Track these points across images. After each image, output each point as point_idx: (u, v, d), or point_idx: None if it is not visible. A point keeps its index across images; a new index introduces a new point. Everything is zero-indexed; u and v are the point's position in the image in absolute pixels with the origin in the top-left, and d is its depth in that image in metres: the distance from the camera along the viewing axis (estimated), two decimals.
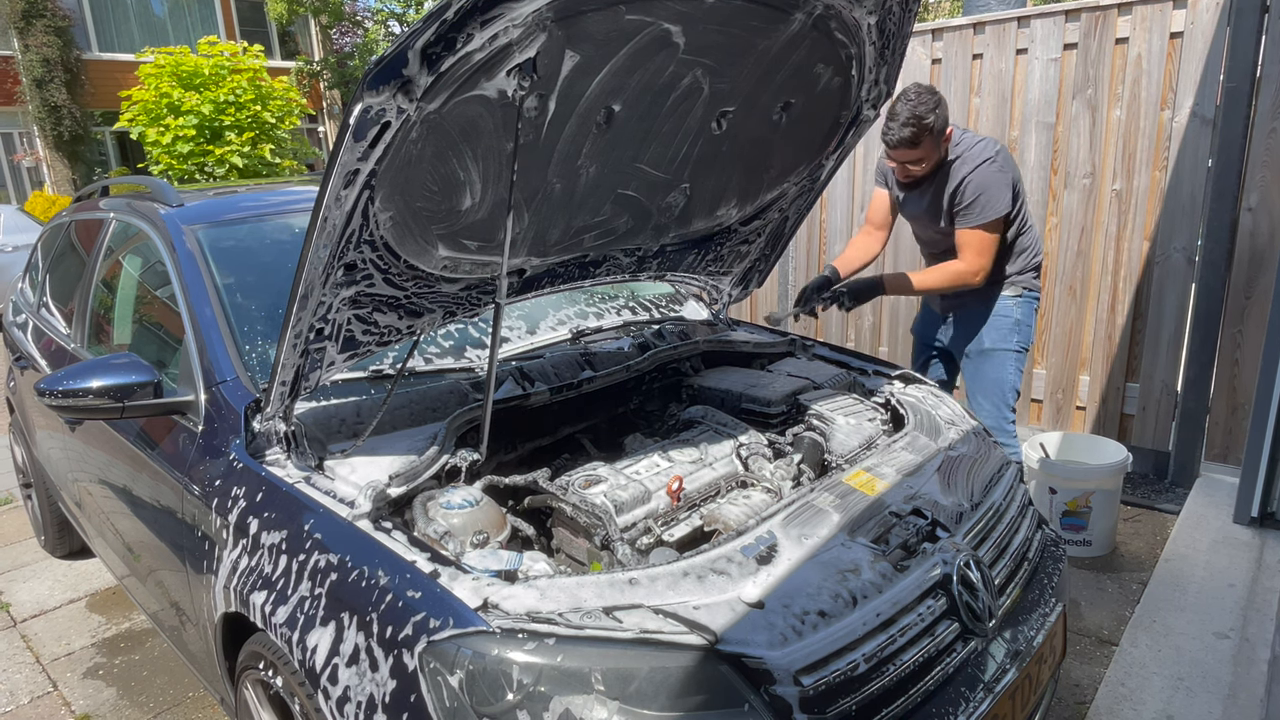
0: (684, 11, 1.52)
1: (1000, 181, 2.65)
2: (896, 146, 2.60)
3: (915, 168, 2.68)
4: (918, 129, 2.53)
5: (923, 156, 2.63)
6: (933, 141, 2.60)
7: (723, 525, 1.74)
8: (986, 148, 2.68)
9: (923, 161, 2.65)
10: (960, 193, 2.68)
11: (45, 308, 3.35)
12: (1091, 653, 2.58)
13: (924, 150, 2.61)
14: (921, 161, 2.65)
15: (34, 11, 15.74)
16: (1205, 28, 3.37)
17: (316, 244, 1.46)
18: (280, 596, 1.54)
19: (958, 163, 2.70)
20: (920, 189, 2.80)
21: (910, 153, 2.61)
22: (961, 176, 2.67)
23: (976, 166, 2.65)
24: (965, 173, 2.67)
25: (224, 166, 11.13)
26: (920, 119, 2.52)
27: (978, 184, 2.65)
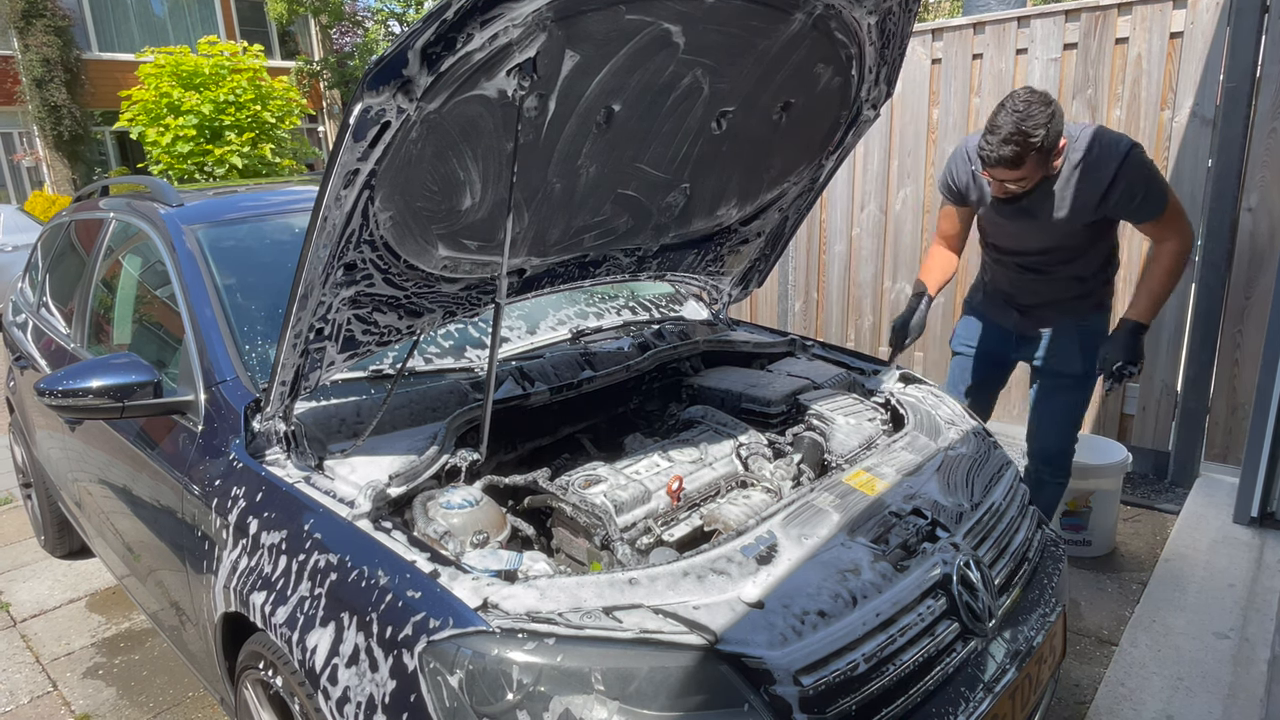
0: (684, 11, 1.52)
1: (1149, 160, 2.33)
2: (995, 165, 2.22)
3: (1015, 186, 2.29)
4: (1021, 148, 2.15)
5: (1025, 176, 2.24)
6: (1039, 161, 2.21)
7: (723, 525, 1.74)
8: (1110, 138, 2.32)
9: (1024, 180, 2.26)
10: (1125, 193, 2.30)
11: (45, 307, 3.35)
12: (1091, 653, 2.58)
13: (1027, 170, 2.22)
14: (1023, 180, 2.26)
15: (34, 11, 15.74)
16: (1205, 28, 3.37)
17: (316, 244, 1.46)
18: (280, 597, 1.54)
19: (1089, 162, 2.31)
20: (1030, 200, 2.36)
21: (1010, 173, 2.23)
22: (1110, 176, 2.30)
23: (1123, 160, 2.28)
24: (1111, 170, 2.29)
25: (224, 166, 11.13)
26: (1026, 136, 2.13)
27: (1140, 175, 2.29)
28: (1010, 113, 2.15)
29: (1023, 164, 2.18)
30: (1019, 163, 2.18)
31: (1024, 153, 2.16)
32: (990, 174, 2.29)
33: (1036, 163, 2.20)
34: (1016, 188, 2.28)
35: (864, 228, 4.56)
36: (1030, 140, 2.14)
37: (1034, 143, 2.14)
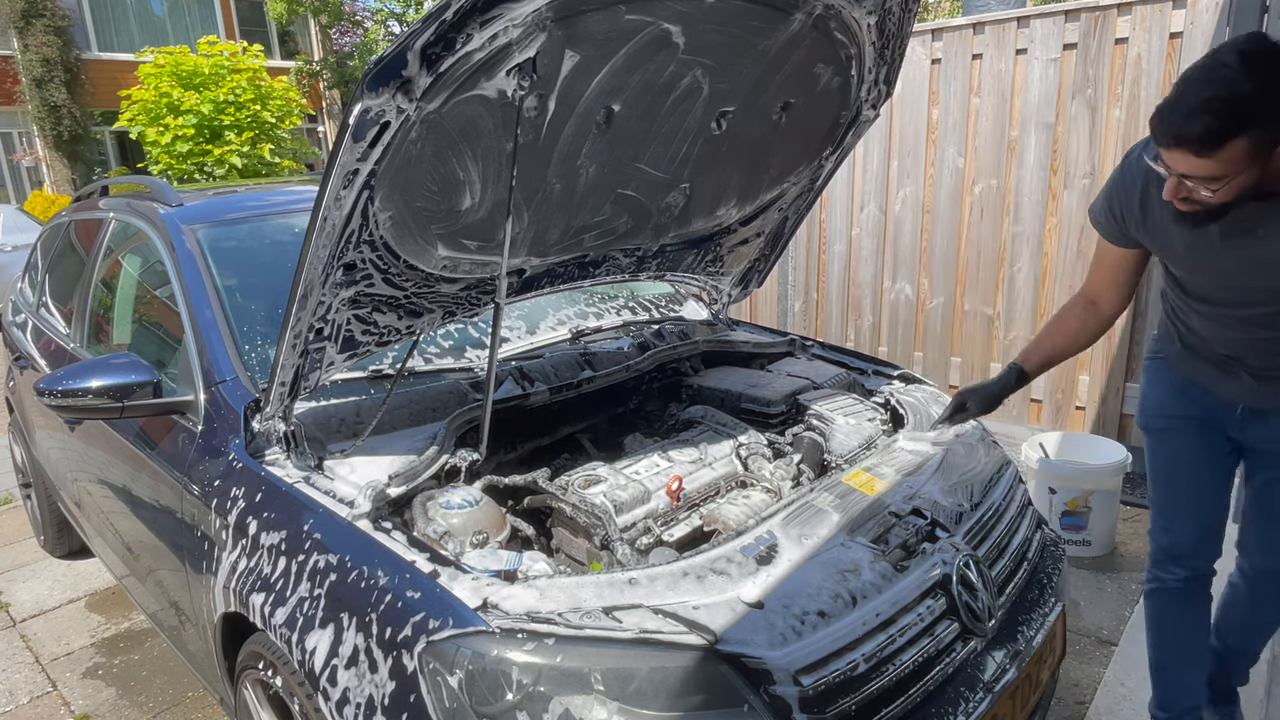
0: (684, 11, 1.52)
1: None
2: (1175, 146, 1.40)
3: (1207, 191, 1.43)
4: (1222, 120, 1.34)
5: (1225, 173, 1.39)
6: (1253, 149, 1.36)
7: (722, 525, 1.74)
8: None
9: (1224, 180, 1.40)
10: None
11: (45, 307, 3.34)
12: (1091, 653, 2.58)
13: (1229, 162, 1.37)
14: (1223, 180, 1.40)
15: (34, 11, 15.73)
16: (1205, 28, 3.37)
17: (316, 244, 1.46)
18: (279, 597, 1.54)
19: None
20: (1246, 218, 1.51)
21: (1200, 163, 1.39)
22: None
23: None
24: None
25: (223, 166, 11.12)
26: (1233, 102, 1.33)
27: None
28: (1212, 67, 1.35)
29: (1220, 148, 1.35)
30: (1217, 142, 1.35)
31: (1226, 128, 1.33)
32: (1169, 165, 1.44)
33: (1249, 152, 1.36)
34: (1208, 195, 1.43)
35: (864, 228, 4.56)
36: (1239, 107, 1.32)
37: (1244, 111, 1.32)
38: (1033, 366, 1.96)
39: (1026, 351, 1.98)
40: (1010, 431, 4.02)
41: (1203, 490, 1.91)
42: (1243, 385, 1.77)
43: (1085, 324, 1.91)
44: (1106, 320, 1.91)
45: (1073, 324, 1.92)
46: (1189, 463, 1.91)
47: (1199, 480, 1.91)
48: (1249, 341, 1.71)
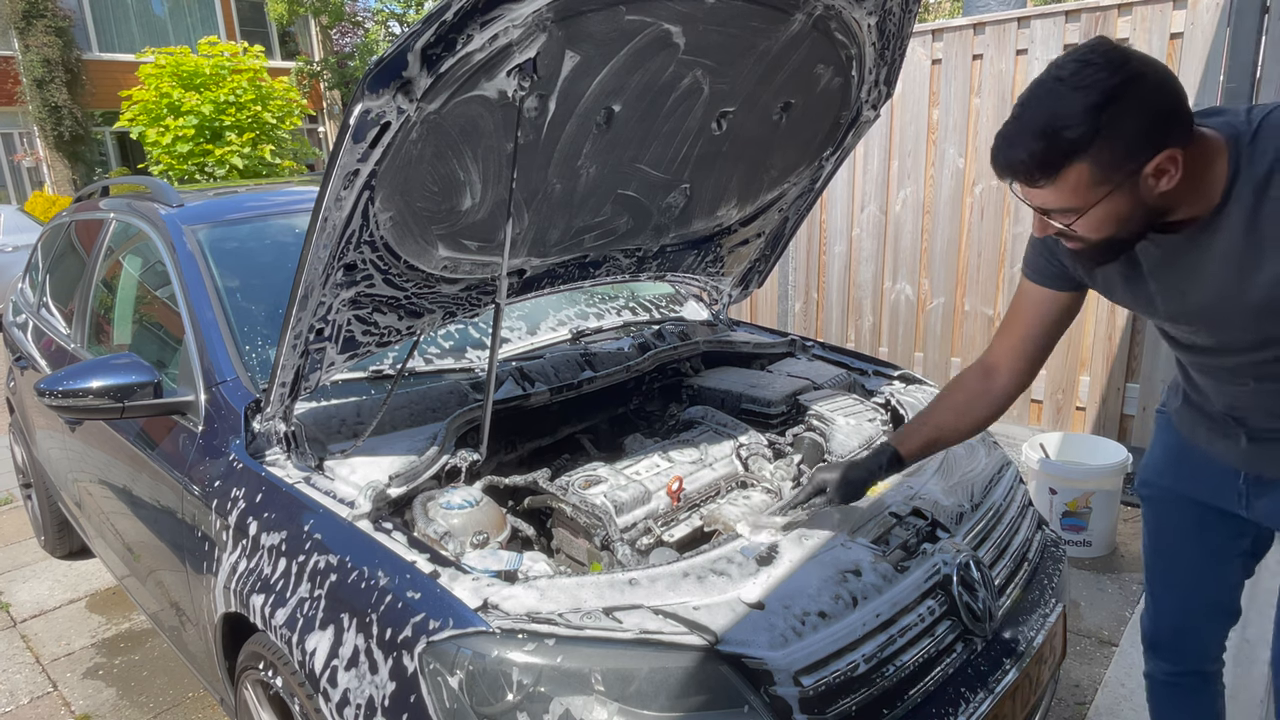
0: (684, 12, 1.52)
1: None
2: (1006, 175, 1.21)
3: (1066, 227, 1.23)
4: (1052, 144, 1.13)
5: (1075, 205, 1.18)
6: (1099, 173, 1.14)
7: (723, 526, 1.74)
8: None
9: (1078, 213, 1.19)
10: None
11: (45, 308, 3.35)
12: (1091, 653, 2.58)
13: (1070, 190, 1.17)
14: (1077, 213, 1.19)
15: (34, 11, 15.73)
16: (1205, 28, 3.37)
17: (316, 244, 1.46)
18: (280, 598, 1.54)
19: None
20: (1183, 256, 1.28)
21: (1040, 194, 1.20)
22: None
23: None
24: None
25: (224, 167, 11.13)
26: (1062, 122, 1.12)
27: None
28: (1042, 83, 1.15)
29: (1054, 177, 1.15)
30: (1044, 173, 1.16)
31: (1057, 154, 1.13)
32: (1022, 197, 1.23)
33: (1094, 179, 1.14)
34: (1074, 231, 1.22)
35: (864, 228, 4.56)
36: (1070, 128, 1.11)
37: (1069, 138, 1.12)
38: (910, 451, 1.60)
39: (906, 431, 1.65)
40: (1010, 432, 4.02)
41: (1188, 579, 1.64)
42: (1240, 448, 1.47)
43: (974, 399, 1.56)
44: (999, 397, 1.54)
45: (960, 397, 1.59)
46: (1172, 545, 1.65)
47: (1185, 566, 1.64)
48: (1243, 394, 1.41)
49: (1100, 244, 1.25)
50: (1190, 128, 1.16)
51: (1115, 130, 1.11)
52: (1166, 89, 1.13)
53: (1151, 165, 1.13)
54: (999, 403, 1.56)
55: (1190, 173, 1.16)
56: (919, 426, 1.62)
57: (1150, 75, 1.12)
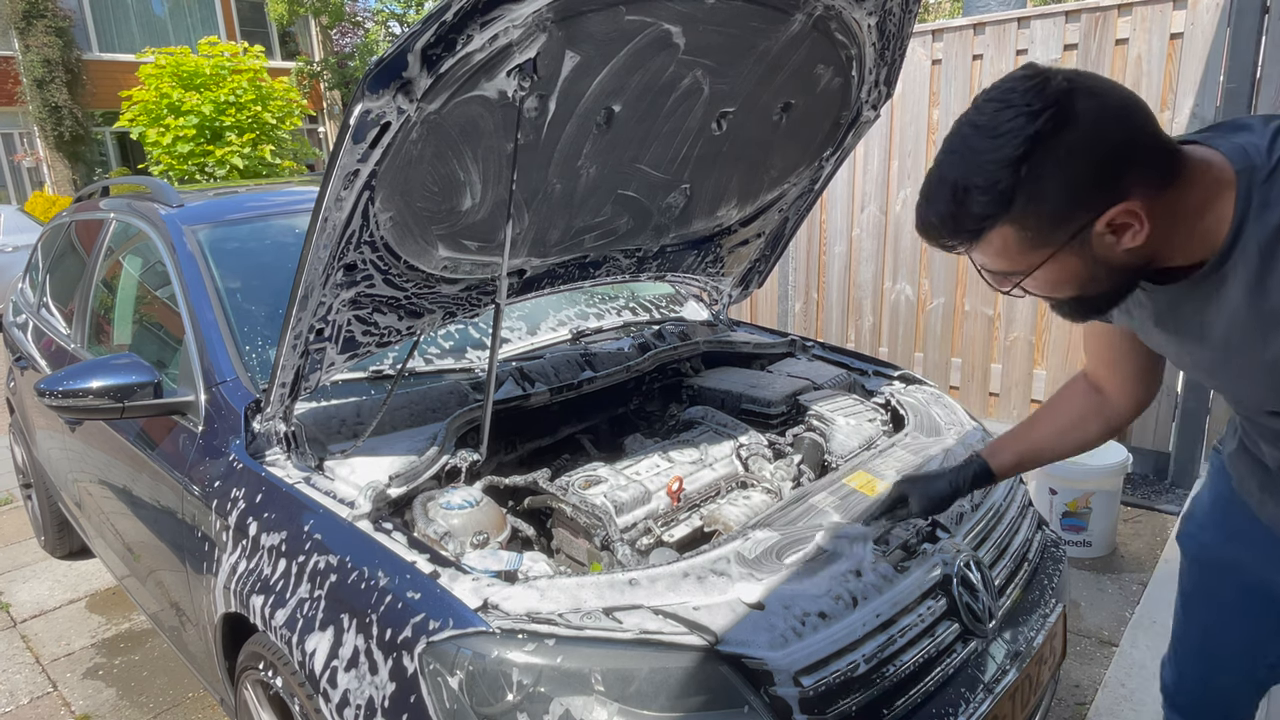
0: (684, 12, 1.52)
1: None
2: (922, 236, 1.04)
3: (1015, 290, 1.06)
4: (962, 206, 0.96)
5: (1009, 269, 1.01)
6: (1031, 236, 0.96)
7: (723, 526, 1.74)
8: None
9: (1016, 276, 1.02)
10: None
11: (45, 308, 3.35)
12: (1092, 653, 2.58)
13: (998, 254, 1.00)
14: (1013, 276, 1.02)
15: (34, 12, 15.73)
16: (1205, 28, 3.37)
17: (316, 245, 1.46)
18: (279, 598, 1.54)
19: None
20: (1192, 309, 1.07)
21: (974, 256, 1.03)
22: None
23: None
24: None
25: (224, 167, 11.13)
26: (964, 191, 0.95)
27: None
28: (959, 127, 0.97)
29: (975, 241, 0.99)
30: (960, 239, 0.99)
31: (970, 218, 0.96)
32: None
33: (1025, 243, 0.97)
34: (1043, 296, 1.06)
35: (864, 228, 4.56)
36: (976, 198, 0.94)
37: (985, 201, 0.94)
38: (1003, 464, 1.43)
39: (1000, 441, 1.47)
40: None
41: (1221, 654, 1.42)
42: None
43: (1084, 417, 1.37)
44: (1113, 417, 1.35)
45: (1065, 413, 1.40)
46: (1207, 615, 1.43)
47: (1219, 640, 1.42)
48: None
49: (1069, 303, 1.05)
50: (1160, 168, 0.92)
51: (1041, 187, 0.90)
52: (1113, 127, 0.89)
53: (1102, 222, 0.92)
54: (1113, 422, 1.36)
55: (1173, 217, 0.94)
56: (1014, 440, 1.45)
57: (1089, 112, 0.89)
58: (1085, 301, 1.04)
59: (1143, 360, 1.29)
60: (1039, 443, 1.45)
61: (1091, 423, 1.38)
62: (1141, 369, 1.31)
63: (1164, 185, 0.93)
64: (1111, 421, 1.37)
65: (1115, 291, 1.03)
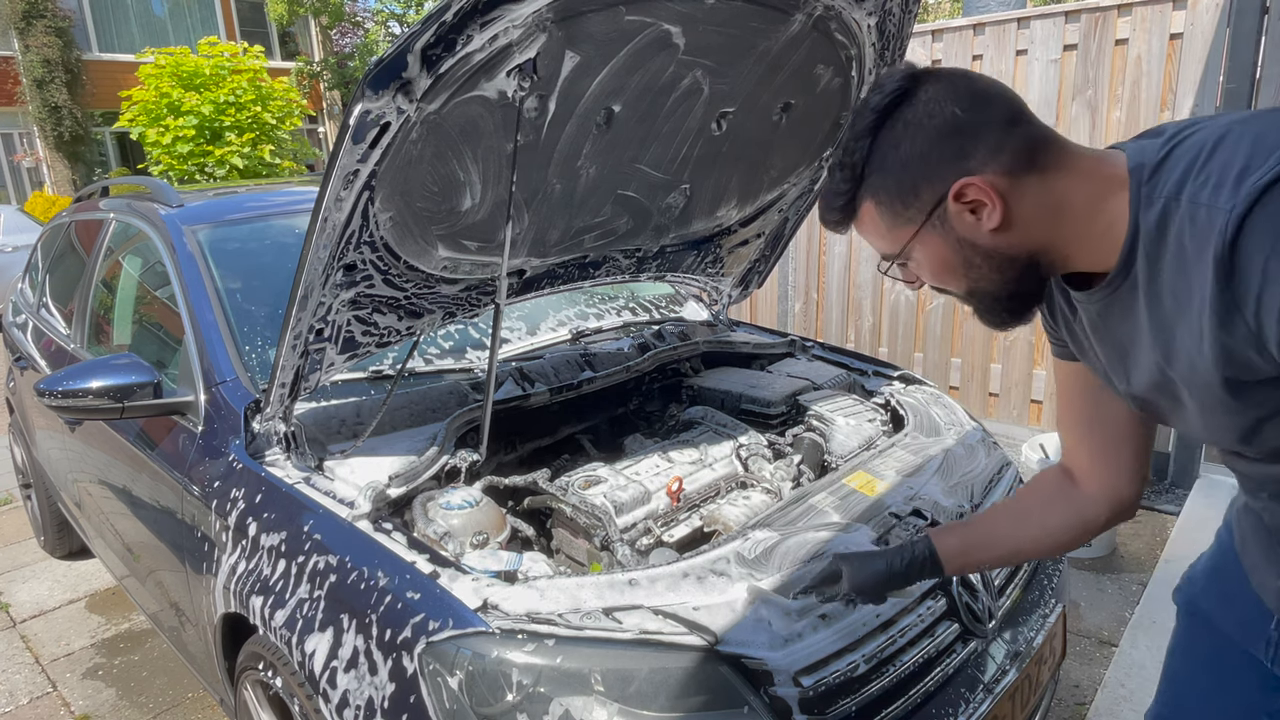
0: (684, 12, 1.52)
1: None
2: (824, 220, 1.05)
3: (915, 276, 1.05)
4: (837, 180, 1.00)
5: (889, 250, 1.02)
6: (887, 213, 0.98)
7: (723, 526, 1.74)
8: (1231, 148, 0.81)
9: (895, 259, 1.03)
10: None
11: (45, 308, 3.35)
12: (1091, 653, 2.58)
13: (872, 233, 1.02)
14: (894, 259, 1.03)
15: (34, 12, 15.73)
16: (1205, 29, 3.37)
17: (316, 245, 1.46)
18: (279, 599, 1.54)
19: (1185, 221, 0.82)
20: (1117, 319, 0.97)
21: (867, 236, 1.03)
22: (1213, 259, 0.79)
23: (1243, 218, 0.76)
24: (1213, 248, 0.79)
25: (224, 167, 11.13)
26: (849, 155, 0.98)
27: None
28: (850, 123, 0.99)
29: (851, 218, 1.02)
30: (838, 214, 1.02)
31: (845, 191, 0.99)
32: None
33: (886, 219, 0.98)
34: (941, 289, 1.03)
35: None
36: (853, 163, 0.97)
37: (851, 172, 0.98)
38: (949, 550, 1.23)
39: (953, 525, 1.35)
40: (1010, 432, 4.02)
41: (1186, 705, 1.30)
42: (1275, 584, 1.07)
43: (1048, 503, 1.20)
44: (1085, 506, 1.16)
45: (1026, 501, 1.25)
46: (1190, 680, 1.28)
47: (1201, 709, 1.27)
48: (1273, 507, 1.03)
49: (976, 300, 1.01)
50: (1015, 152, 0.90)
51: (886, 159, 0.94)
52: (954, 105, 0.91)
53: (951, 197, 0.91)
54: (1084, 513, 1.16)
55: (1050, 209, 0.91)
56: (966, 526, 1.31)
57: (933, 90, 0.92)
58: (985, 298, 1.00)
59: (1118, 431, 1.12)
60: (994, 531, 1.25)
61: (1055, 510, 1.18)
62: (1116, 442, 1.12)
63: (1020, 168, 0.91)
64: (1084, 512, 1.16)
65: (1009, 286, 0.97)
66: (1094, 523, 1.16)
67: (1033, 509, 1.22)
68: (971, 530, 1.28)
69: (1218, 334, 0.81)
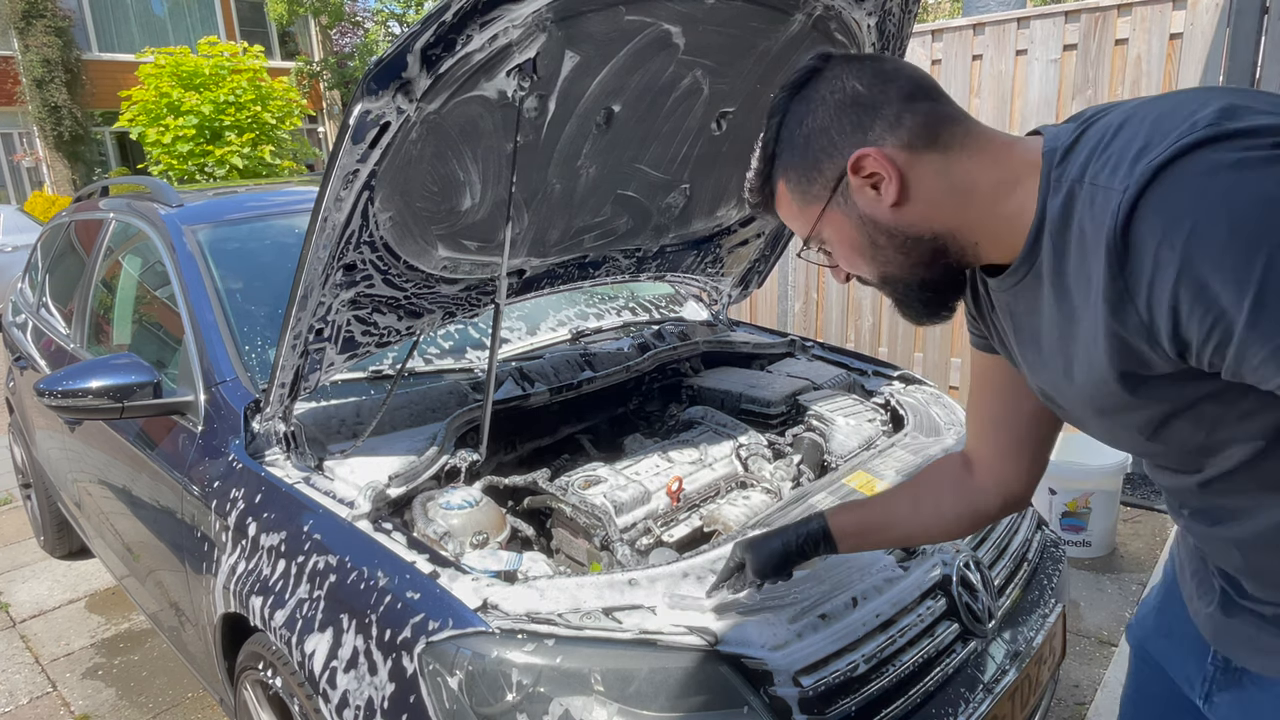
0: (684, 12, 1.52)
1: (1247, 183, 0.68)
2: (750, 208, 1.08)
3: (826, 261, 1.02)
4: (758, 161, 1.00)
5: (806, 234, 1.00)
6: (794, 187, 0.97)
7: (722, 526, 1.74)
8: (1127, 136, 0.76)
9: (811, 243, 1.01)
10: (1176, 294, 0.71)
11: (45, 308, 3.35)
12: (1091, 653, 2.58)
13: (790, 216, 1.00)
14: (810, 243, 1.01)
15: (34, 11, 15.73)
16: (1205, 29, 3.37)
17: (316, 245, 1.46)
18: (279, 599, 1.54)
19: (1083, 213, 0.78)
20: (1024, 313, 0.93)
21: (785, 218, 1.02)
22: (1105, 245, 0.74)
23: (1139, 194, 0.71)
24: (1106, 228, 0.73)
25: (224, 167, 11.13)
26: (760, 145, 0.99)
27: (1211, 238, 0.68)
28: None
29: (770, 200, 1.01)
30: (757, 195, 1.02)
31: (758, 176, 1.00)
32: None
33: (797, 201, 0.97)
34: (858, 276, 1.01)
35: None
36: (764, 148, 0.98)
37: (765, 149, 0.98)
38: (843, 527, 1.24)
39: (850, 503, 1.33)
40: None
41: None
42: (1207, 611, 1.00)
43: (941, 488, 1.20)
44: (977, 498, 1.16)
45: (923, 485, 1.25)
46: (1126, 701, 1.27)
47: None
48: (1199, 532, 0.95)
49: (881, 285, 0.99)
50: (916, 127, 0.88)
51: (792, 135, 0.95)
52: (855, 80, 0.91)
53: (850, 169, 0.90)
54: (976, 504, 1.16)
55: (955, 189, 0.89)
56: (863, 505, 1.30)
57: (837, 69, 0.93)
58: (897, 285, 0.97)
59: (1023, 431, 1.11)
60: (891, 513, 1.25)
61: (951, 498, 1.19)
62: (1019, 443, 1.12)
63: (920, 144, 0.89)
64: (977, 503, 1.16)
65: (917, 271, 0.94)
66: (985, 513, 1.18)
67: (930, 495, 1.22)
68: (868, 511, 1.28)
69: (1110, 324, 0.77)
